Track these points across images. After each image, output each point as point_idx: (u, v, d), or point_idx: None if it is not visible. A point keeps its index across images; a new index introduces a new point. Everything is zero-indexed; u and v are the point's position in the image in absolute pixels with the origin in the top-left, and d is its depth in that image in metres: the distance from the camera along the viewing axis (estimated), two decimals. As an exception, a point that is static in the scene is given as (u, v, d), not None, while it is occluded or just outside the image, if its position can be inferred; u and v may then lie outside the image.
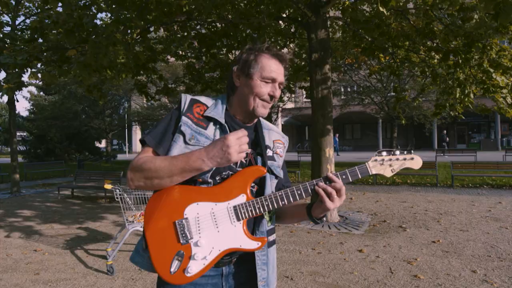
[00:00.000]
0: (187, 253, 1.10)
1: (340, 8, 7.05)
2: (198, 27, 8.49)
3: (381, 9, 3.65)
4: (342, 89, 20.06)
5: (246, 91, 1.22)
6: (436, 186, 10.10)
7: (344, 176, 1.17)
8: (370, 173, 1.20)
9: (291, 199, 1.16)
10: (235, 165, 1.21)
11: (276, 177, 1.29)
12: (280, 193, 1.16)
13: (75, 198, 9.25)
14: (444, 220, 6.00)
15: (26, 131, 28.32)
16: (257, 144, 1.29)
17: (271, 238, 1.27)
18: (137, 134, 39.01)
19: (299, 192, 1.17)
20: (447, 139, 24.32)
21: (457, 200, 7.85)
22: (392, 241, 4.84)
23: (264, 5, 6.71)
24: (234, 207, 1.14)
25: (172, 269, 1.09)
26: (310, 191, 1.16)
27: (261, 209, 1.15)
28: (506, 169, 10.39)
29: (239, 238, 1.13)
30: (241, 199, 1.15)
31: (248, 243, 1.14)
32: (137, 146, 39.56)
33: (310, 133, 7.48)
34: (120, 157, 27.71)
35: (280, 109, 23.71)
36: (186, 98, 1.23)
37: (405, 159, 1.21)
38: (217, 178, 1.17)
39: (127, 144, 36.30)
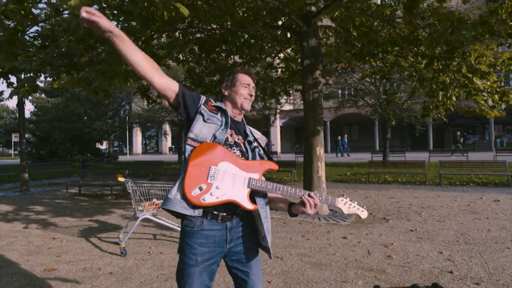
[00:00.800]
0: (207, 188, 1.63)
1: (331, 17, 7.62)
2: (198, 34, 9.00)
3: (352, 31, 4.17)
4: (340, 92, 20.64)
5: (233, 95, 1.85)
6: (425, 184, 10.63)
7: (320, 198, 1.74)
8: (336, 204, 1.78)
9: (285, 193, 1.73)
10: (242, 147, 1.81)
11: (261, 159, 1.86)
12: (280, 186, 1.72)
13: (82, 195, 9.77)
14: (425, 213, 6.53)
15: (28, 132, 28.82)
16: (247, 135, 1.87)
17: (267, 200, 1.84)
18: (137, 135, 39.52)
19: (291, 192, 1.73)
20: (461, 139, 24.74)
21: (442, 196, 8.38)
22: (374, 230, 5.38)
23: (260, 15, 7.24)
24: (250, 178, 1.70)
25: (193, 193, 1.62)
26: (298, 196, 1.73)
27: (264, 188, 1.71)
28: (491, 168, 10.94)
29: (242, 197, 1.68)
30: (256, 176, 1.72)
31: (246, 203, 1.68)
32: (137, 147, 40.07)
33: (305, 133, 7.99)
34: (121, 158, 28.27)
35: (278, 110, 24.27)
36: (203, 97, 1.80)
37: (358, 209, 1.80)
38: (231, 146, 1.76)
39: (128, 146, 36.74)
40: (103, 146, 33.48)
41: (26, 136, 39.25)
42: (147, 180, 9.74)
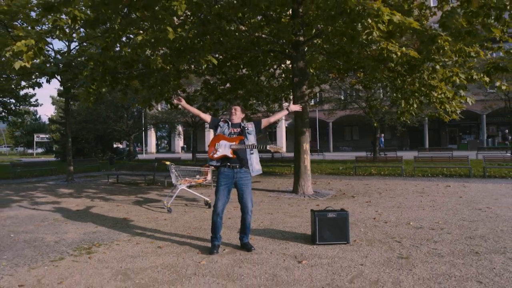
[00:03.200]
0: (215, 151, 3.94)
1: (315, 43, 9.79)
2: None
3: (311, 70, 6.35)
4: (342, 96, 22.80)
5: (229, 115, 4.16)
6: (402, 176, 12.72)
7: (262, 146, 3.98)
8: (268, 147, 3.98)
9: (245, 149, 4.00)
10: (234, 133, 4.07)
11: (247, 136, 4.10)
12: (246, 145, 3.98)
13: (119, 183, 12.12)
14: (384, 193, 8.68)
15: (55, 132, 31.34)
16: (242, 127, 4.13)
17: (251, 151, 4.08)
18: (152, 136, 42.08)
19: (252, 148, 3.99)
20: (510, 137, 25.91)
21: (407, 184, 10.49)
22: (341, 201, 7.57)
23: (259, 45, 9.45)
24: (230, 145, 3.98)
25: (210, 154, 3.95)
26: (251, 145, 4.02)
27: (236, 148, 3.97)
28: (457, 163, 12.99)
29: (227, 152, 3.95)
30: (234, 142, 3.99)
31: (229, 154, 3.94)
32: (152, 146, 42.64)
33: (295, 133, 9.79)
34: (138, 156, 30.85)
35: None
36: (220, 119, 4.17)
37: (279, 148, 4.02)
38: (229, 134, 4.05)
39: (144, 145, 39.30)
40: (121, 145, 36.07)
41: (47, 136, 41.80)
42: (168, 172, 12.06)
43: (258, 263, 3.67)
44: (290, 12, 8.87)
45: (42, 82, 12.73)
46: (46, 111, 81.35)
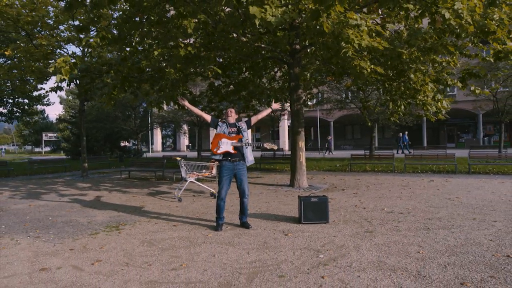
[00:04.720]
0: (218, 147, 4.90)
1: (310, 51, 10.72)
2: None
3: (301, 81, 7.29)
4: (341, 97, 23.73)
5: (224, 116, 5.17)
6: (393, 172, 13.63)
7: (260, 144, 4.97)
8: (263, 145, 5.00)
9: (243, 146, 4.97)
10: (233, 132, 5.02)
11: (243, 134, 5.08)
12: (244, 144, 4.95)
13: (131, 178, 13.15)
14: (372, 186, 9.62)
15: (59, 131, 32.42)
16: (237, 127, 5.10)
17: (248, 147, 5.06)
18: (158, 135, 43.19)
19: (249, 142, 4.97)
20: None
21: (395, 179, 11.41)
22: (331, 193, 8.52)
23: (259, 52, 10.42)
24: (231, 142, 4.95)
25: (214, 150, 4.92)
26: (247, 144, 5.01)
27: (237, 145, 4.95)
28: (444, 160, 13.87)
29: (229, 149, 4.92)
30: (234, 141, 4.96)
31: (231, 150, 4.92)
32: (157, 145, 43.76)
33: (291, 132, 10.51)
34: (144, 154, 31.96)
35: (285, 113, 27.34)
36: (219, 120, 5.15)
37: (272, 146, 5.04)
38: (229, 133, 5.00)
39: (150, 144, 40.42)
40: (128, 144, 37.22)
41: (55, 135, 43.10)
42: (176, 169, 13.04)
43: (253, 235, 4.66)
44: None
45: (63, 86, 13.91)
46: (53, 110, 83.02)
